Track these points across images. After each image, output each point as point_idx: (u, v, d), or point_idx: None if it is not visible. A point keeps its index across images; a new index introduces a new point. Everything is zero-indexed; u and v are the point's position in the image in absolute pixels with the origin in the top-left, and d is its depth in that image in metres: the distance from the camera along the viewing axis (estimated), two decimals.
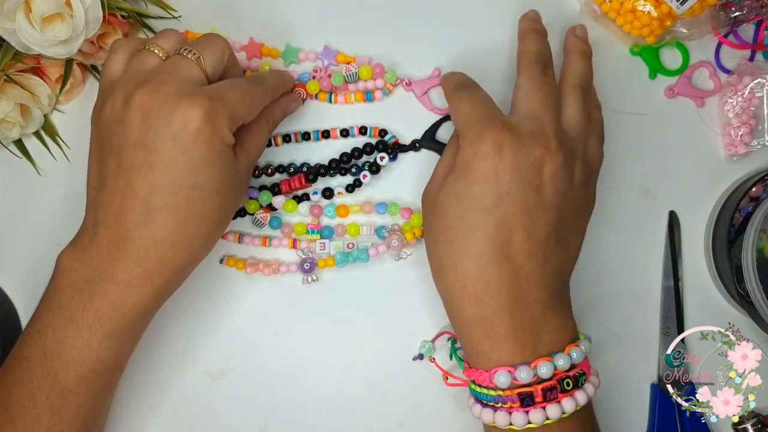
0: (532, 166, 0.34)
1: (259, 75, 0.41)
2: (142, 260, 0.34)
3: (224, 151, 0.35)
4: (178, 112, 0.32)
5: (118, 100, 0.34)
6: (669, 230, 0.46)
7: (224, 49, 0.37)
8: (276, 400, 0.44)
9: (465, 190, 0.35)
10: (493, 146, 0.34)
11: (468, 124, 0.36)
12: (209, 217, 0.35)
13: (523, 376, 0.33)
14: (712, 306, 0.46)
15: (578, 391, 0.33)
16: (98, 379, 0.35)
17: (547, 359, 0.33)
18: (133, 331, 0.36)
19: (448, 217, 0.35)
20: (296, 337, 0.44)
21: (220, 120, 0.33)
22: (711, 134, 0.47)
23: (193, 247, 0.35)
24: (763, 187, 0.45)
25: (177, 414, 0.44)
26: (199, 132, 0.33)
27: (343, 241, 0.44)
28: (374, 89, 0.45)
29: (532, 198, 0.34)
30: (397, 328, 0.44)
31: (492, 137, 0.34)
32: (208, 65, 0.36)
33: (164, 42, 0.36)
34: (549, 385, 0.33)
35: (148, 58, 0.35)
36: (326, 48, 0.45)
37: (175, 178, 0.33)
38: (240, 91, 0.36)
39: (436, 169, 0.39)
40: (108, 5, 0.41)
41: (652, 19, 0.44)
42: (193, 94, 0.33)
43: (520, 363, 0.33)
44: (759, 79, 0.45)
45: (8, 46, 0.40)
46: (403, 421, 0.44)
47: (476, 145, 0.35)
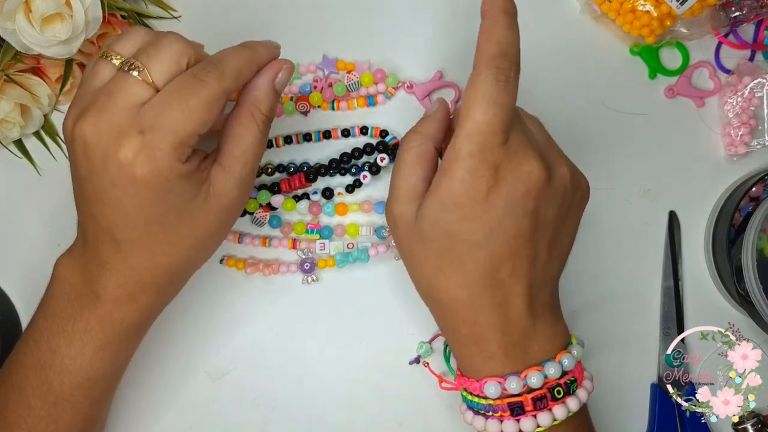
0: (525, 196, 0.32)
1: (213, 58, 0.32)
2: (122, 283, 0.33)
3: (176, 185, 0.31)
4: (111, 157, 0.29)
5: (68, 122, 0.32)
6: (669, 230, 0.46)
7: (179, 52, 0.31)
8: (276, 400, 0.44)
9: (454, 224, 0.32)
10: (486, 187, 0.31)
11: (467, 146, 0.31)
12: (181, 245, 0.33)
13: (513, 387, 0.32)
14: (712, 306, 0.46)
15: (570, 398, 0.33)
16: (94, 388, 0.35)
17: (537, 369, 0.33)
18: (127, 343, 0.36)
19: (433, 246, 0.33)
20: (296, 337, 0.44)
21: (158, 156, 0.29)
22: (711, 134, 0.47)
23: (172, 270, 0.34)
24: (763, 187, 0.45)
25: (177, 414, 0.44)
26: (135, 177, 0.29)
27: (343, 241, 0.44)
28: (376, 93, 0.45)
29: (526, 224, 0.32)
30: (397, 328, 0.44)
31: (486, 179, 0.31)
32: (157, 77, 0.30)
33: (124, 45, 0.32)
34: (539, 394, 0.33)
35: (100, 70, 0.32)
36: (325, 57, 0.45)
37: (127, 217, 0.31)
38: (182, 100, 0.30)
39: (397, 183, 0.34)
40: (108, 5, 0.41)
41: (652, 19, 0.44)
42: (123, 132, 0.29)
43: (510, 373, 0.33)
44: (759, 79, 0.45)
45: (8, 46, 0.40)
46: (403, 421, 0.44)
47: (468, 181, 0.31)
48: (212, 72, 0.31)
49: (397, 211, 0.34)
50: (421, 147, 0.35)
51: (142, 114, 0.30)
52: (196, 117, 0.30)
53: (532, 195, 0.32)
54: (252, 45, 0.34)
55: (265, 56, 0.34)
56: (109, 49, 0.32)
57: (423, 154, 0.34)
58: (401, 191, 0.34)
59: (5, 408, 0.35)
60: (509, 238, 0.32)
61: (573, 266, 0.45)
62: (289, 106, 0.44)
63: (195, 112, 0.30)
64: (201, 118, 0.30)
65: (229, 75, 0.31)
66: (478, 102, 0.31)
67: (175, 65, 0.31)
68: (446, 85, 0.45)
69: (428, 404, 0.43)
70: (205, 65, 0.31)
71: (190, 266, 0.36)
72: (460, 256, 0.32)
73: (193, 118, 0.30)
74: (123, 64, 0.31)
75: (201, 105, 0.30)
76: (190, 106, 0.30)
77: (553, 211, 0.33)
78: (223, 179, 0.33)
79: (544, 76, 0.46)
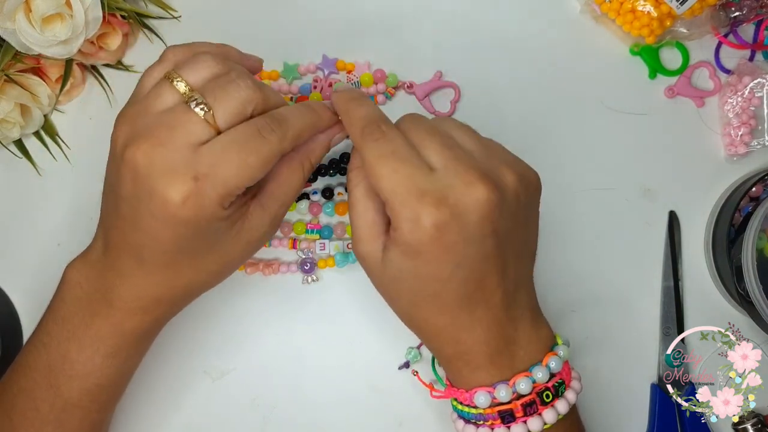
0: (480, 222, 0.30)
1: (279, 116, 0.32)
2: (139, 296, 0.33)
3: (215, 226, 0.31)
4: (158, 192, 0.29)
5: (119, 137, 0.31)
6: (669, 230, 0.46)
7: (247, 99, 0.31)
8: (276, 400, 0.44)
9: (419, 268, 0.31)
10: (435, 228, 0.30)
11: (397, 200, 0.30)
12: (206, 270, 0.34)
13: (502, 395, 0.32)
14: (712, 306, 0.45)
15: (559, 400, 0.33)
16: (102, 394, 0.35)
17: (525, 374, 0.33)
18: (136, 349, 0.36)
19: (404, 285, 0.32)
20: (296, 337, 0.44)
21: (205, 202, 0.30)
22: (711, 134, 0.47)
23: (190, 289, 0.35)
24: (763, 187, 0.45)
25: (177, 414, 0.44)
26: (178, 217, 0.30)
27: (343, 241, 0.44)
28: (376, 93, 0.45)
29: (490, 245, 0.31)
30: (397, 328, 0.44)
31: (431, 220, 0.29)
32: (221, 120, 0.30)
33: (194, 73, 0.31)
34: (528, 400, 0.33)
35: (163, 93, 0.31)
36: (324, 57, 0.45)
37: (159, 245, 0.31)
38: (241, 154, 0.30)
39: (355, 222, 0.34)
40: (108, 5, 0.41)
41: (652, 19, 0.44)
42: (177, 172, 0.29)
43: (498, 382, 0.33)
44: (759, 79, 0.45)
45: (8, 46, 0.40)
46: (403, 421, 0.44)
47: (417, 230, 0.30)
48: (276, 131, 0.31)
49: (364, 252, 0.33)
50: (366, 180, 0.33)
51: (198, 157, 0.30)
52: (251, 173, 0.30)
53: (487, 219, 0.30)
54: (317, 109, 0.34)
55: (327, 122, 0.35)
56: (177, 73, 0.31)
57: (370, 187, 0.33)
58: (361, 230, 0.33)
59: (12, 411, 0.35)
60: (476, 263, 0.31)
61: (572, 266, 0.45)
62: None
63: (251, 169, 0.30)
64: (255, 174, 0.31)
65: (291, 138, 0.32)
66: (370, 165, 0.31)
67: (240, 112, 0.31)
68: (446, 85, 0.45)
69: (428, 404, 0.43)
70: (270, 122, 0.31)
71: (208, 285, 0.36)
72: (433, 292, 0.32)
73: (248, 174, 0.30)
74: (189, 98, 0.30)
75: (258, 162, 0.30)
76: (248, 163, 0.30)
77: (511, 222, 0.32)
78: (260, 216, 0.33)
79: (544, 76, 0.46)
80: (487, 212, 0.30)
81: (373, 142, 0.31)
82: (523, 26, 0.47)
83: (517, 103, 0.46)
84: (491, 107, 0.46)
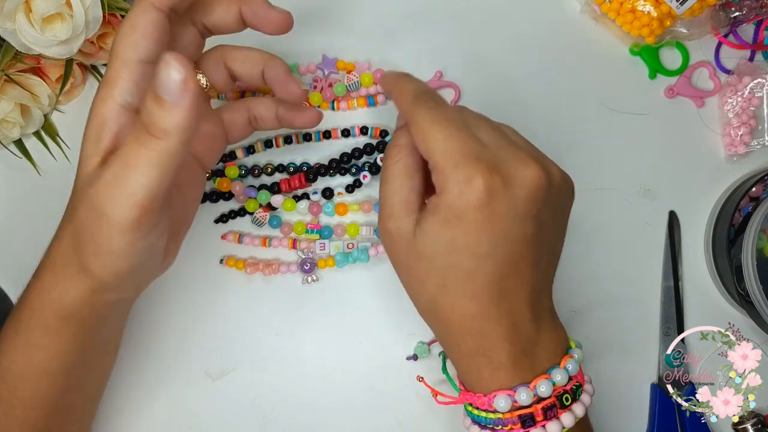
0: (527, 200, 0.31)
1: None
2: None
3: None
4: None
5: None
6: (669, 230, 0.46)
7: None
8: (276, 400, 0.44)
9: (458, 239, 0.31)
10: (486, 193, 0.30)
11: (451, 162, 0.30)
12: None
13: (524, 398, 0.32)
14: (712, 306, 0.46)
15: (576, 403, 0.33)
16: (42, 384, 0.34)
17: (546, 377, 0.32)
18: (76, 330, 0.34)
19: (436, 263, 0.32)
20: (296, 337, 0.44)
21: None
22: (711, 134, 0.47)
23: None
24: (763, 187, 0.45)
25: (177, 414, 0.44)
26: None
27: (343, 241, 0.44)
28: (376, 94, 0.45)
29: (530, 229, 0.31)
30: (397, 328, 0.44)
31: (484, 183, 0.30)
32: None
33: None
34: (549, 403, 0.32)
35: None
36: (325, 57, 0.45)
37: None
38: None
39: (389, 199, 0.33)
40: (108, 5, 0.41)
41: (652, 19, 0.44)
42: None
43: (519, 384, 0.32)
44: (759, 79, 0.45)
45: (8, 46, 0.40)
46: (403, 420, 0.44)
47: (467, 192, 0.30)
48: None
49: (393, 228, 0.33)
50: (408, 158, 0.34)
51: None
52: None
53: (534, 198, 0.31)
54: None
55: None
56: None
57: (411, 164, 0.33)
58: (395, 206, 0.33)
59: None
60: (515, 245, 0.31)
61: (573, 266, 0.45)
62: None
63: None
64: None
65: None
66: (424, 129, 0.31)
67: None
68: (446, 85, 0.45)
69: (428, 404, 0.43)
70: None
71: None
72: (467, 270, 0.31)
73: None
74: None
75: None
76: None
77: (551, 213, 0.33)
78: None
79: (544, 76, 0.46)
80: (535, 192, 0.31)
81: (428, 109, 0.32)
82: (523, 26, 0.47)
83: (517, 103, 0.46)
84: (491, 107, 0.45)
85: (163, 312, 0.44)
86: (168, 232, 0.32)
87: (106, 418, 0.43)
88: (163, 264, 0.35)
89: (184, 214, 0.36)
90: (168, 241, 0.33)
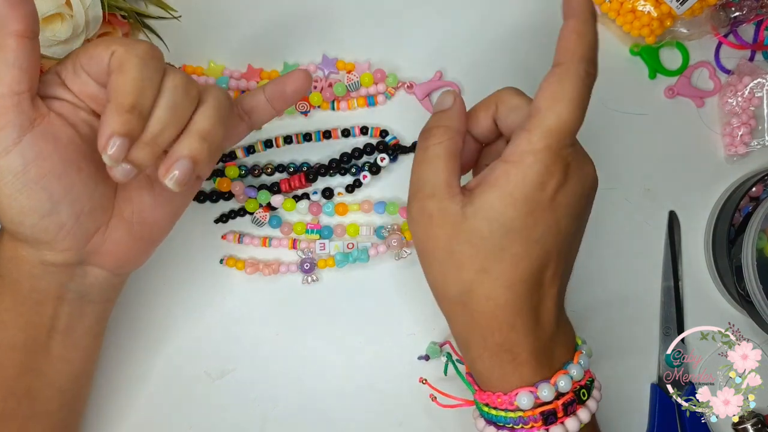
0: (583, 197, 0.32)
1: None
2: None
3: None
4: None
5: None
6: (669, 230, 0.46)
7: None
8: (276, 400, 0.44)
9: (518, 220, 0.30)
10: (557, 182, 0.30)
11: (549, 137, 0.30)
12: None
13: (545, 394, 0.31)
14: (712, 306, 0.46)
15: (590, 398, 0.33)
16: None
17: (564, 372, 0.32)
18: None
19: (486, 245, 0.31)
20: (296, 337, 0.44)
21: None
22: (711, 134, 0.47)
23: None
24: (763, 187, 0.45)
25: (177, 414, 0.44)
26: None
27: (343, 241, 0.44)
28: (376, 93, 0.45)
29: (575, 225, 0.32)
30: (397, 328, 0.44)
31: (558, 171, 0.30)
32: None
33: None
34: (569, 398, 0.32)
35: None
36: (325, 57, 0.45)
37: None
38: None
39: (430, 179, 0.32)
40: (108, 5, 0.41)
41: (652, 19, 0.44)
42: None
43: (540, 381, 0.32)
44: (759, 79, 0.45)
45: None
46: (403, 420, 0.44)
47: (543, 175, 0.30)
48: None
49: (435, 208, 0.32)
50: (451, 141, 0.33)
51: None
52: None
53: (589, 198, 0.33)
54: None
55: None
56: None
57: (454, 148, 0.33)
58: (438, 187, 0.32)
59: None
60: (560, 237, 0.31)
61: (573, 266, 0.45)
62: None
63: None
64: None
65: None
66: (565, 99, 0.30)
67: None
68: (446, 85, 0.45)
69: (428, 404, 0.43)
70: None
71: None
72: (515, 255, 0.31)
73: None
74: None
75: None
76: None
77: (588, 212, 0.34)
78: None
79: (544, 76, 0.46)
80: (591, 192, 0.33)
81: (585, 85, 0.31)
82: (523, 26, 0.46)
83: None
84: None
85: (163, 312, 0.44)
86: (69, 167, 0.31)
87: (106, 418, 0.43)
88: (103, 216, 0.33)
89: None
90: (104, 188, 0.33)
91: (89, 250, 0.33)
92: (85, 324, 0.36)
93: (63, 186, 0.31)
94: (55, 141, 0.31)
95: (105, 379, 0.42)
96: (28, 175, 0.30)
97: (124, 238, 0.34)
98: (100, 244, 0.33)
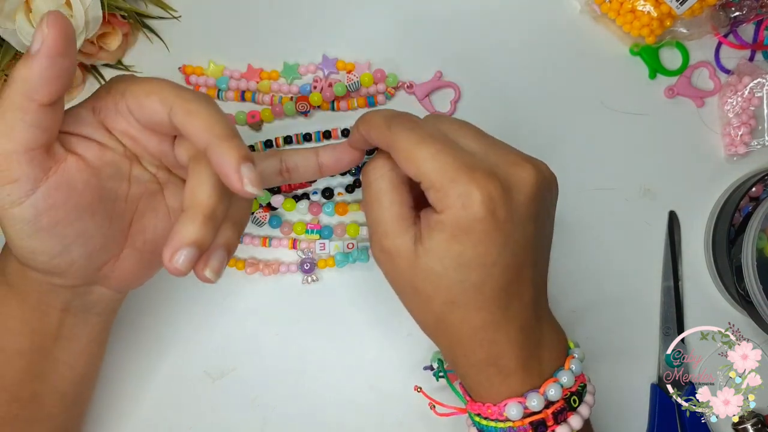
0: (527, 201, 0.31)
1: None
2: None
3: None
4: None
5: None
6: (669, 230, 0.46)
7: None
8: (276, 400, 0.44)
9: (466, 253, 0.30)
10: (489, 202, 0.29)
11: (447, 177, 0.29)
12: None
13: (534, 404, 0.31)
14: (712, 306, 0.46)
15: (582, 405, 0.33)
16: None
17: (554, 380, 0.32)
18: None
19: (443, 281, 0.31)
20: (296, 337, 0.44)
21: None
22: (711, 134, 0.47)
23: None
24: (763, 187, 0.45)
25: (177, 414, 0.44)
26: None
27: (343, 241, 0.44)
28: (376, 94, 0.45)
29: (531, 230, 0.31)
30: (397, 329, 0.44)
31: (485, 193, 0.29)
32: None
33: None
34: (559, 407, 0.32)
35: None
36: (325, 57, 0.45)
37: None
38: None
39: (380, 217, 0.32)
40: (108, 5, 0.41)
41: (652, 19, 0.44)
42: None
43: (529, 390, 0.32)
44: (759, 79, 0.45)
45: (8, 46, 0.40)
46: (403, 421, 0.44)
47: (470, 204, 0.29)
48: None
49: (391, 247, 0.31)
50: (391, 172, 0.32)
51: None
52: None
53: (533, 199, 0.31)
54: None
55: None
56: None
57: (396, 179, 0.32)
58: (389, 224, 0.32)
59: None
60: (518, 248, 0.31)
61: (573, 266, 0.45)
62: (289, 107, 0.44)
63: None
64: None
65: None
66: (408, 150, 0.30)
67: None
68: (446, 85, 0.45)
69: (427, 404, 0.43)
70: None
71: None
72: (476, 283, 0.30)
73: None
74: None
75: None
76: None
77: (545, 211, 0.32)
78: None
79: (544, 76, 0.46)
80: (533, 193, 0.31)
81: (407, 130, 0.30)
82: (523, 26, 0.47)
83: (517, 103, 0.46)
84: (491, 107, 0.46)
85: (163, 312, 0.44)
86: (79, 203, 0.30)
87: (107, 418, 0.43)
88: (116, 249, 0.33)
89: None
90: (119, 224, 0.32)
91: (99, 276, 0.33)
92: (89, 332, 0.36)
93: (75, 230, 0.31)
94: (69, 190, 0.30)
95: (105, 380, 0.42)
96: (40, 224, 0.29)
97: (134, 266, 0.34)
98: (110, 272, 0.33)
